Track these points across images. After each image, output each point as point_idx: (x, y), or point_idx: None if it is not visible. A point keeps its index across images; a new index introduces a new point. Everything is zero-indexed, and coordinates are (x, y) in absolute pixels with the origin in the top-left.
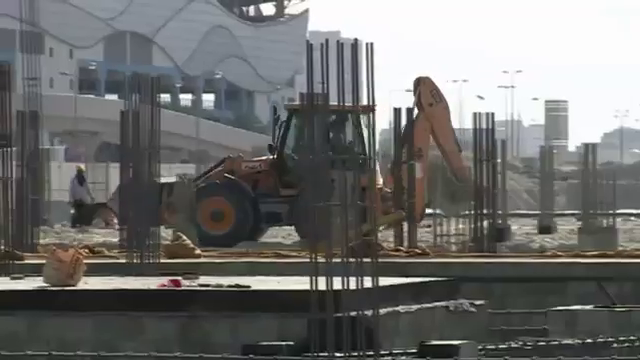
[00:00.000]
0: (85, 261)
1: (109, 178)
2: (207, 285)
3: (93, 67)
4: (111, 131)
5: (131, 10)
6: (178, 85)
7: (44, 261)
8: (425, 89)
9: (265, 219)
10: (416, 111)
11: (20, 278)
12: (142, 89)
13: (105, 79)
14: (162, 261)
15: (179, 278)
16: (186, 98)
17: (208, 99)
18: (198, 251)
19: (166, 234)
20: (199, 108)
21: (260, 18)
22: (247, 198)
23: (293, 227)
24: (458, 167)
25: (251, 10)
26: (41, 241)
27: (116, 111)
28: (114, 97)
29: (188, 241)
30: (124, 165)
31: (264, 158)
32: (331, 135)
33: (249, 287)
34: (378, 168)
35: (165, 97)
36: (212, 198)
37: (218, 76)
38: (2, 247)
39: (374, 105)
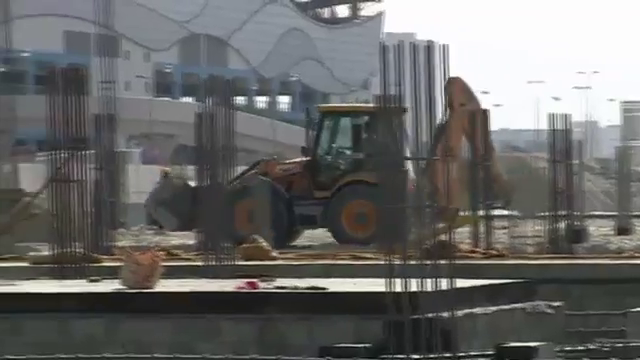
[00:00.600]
0: (162, 264)
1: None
2: (283, 287)
3: (169, 70)
4: (187, 134)
5: (206, 13)
6: (253, 87)
7: (121, 264)
8: (456, 89)
9: (299, 221)
10: (448, 112)
11: (97, 281)
12: (217, 92)
13: (180, 82)
14: (238, 263)
15: (256, 280)
16: (261, 100)
17: (283, 101)
18: (274, 253)
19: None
20: (274, 110)
21: (335, 20)
22: (281, 200)
23: (327, 229)
24: (490, 168)
25: (326, 12)
26: (118, 244)
27: (191, 114)
28: (190, 100)
29: (264, 243)
30: (200, 167)
31: (298, 160)
32: (364, 136)
33: (326, 289)
34: (411, 168)
35: (240, 99)
36: (246, 200)
37: (293, 78)
38: (80, 250)
39: (404, 106)
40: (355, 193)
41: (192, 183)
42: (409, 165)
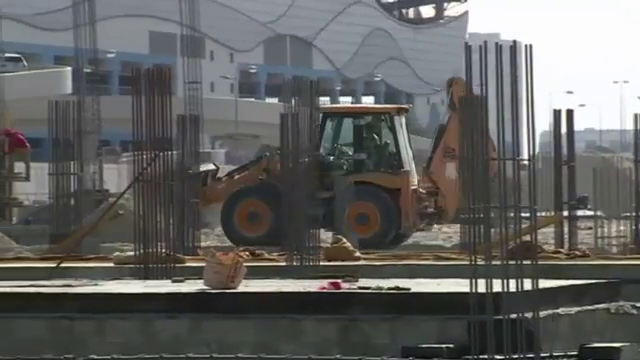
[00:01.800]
0: (245, 264)
1: None
2: (367, 288)
3: (253, 70)
4: (271, 134)
5: (291, 13)
6: (338, 88)
7: (205, 264)
8: (457, 89)
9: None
10: (449, 112)
11: (181, 281)
12: (302, 92)
13: (265, 82)
14: (322, 264)
15: (339, 281)
16: (346, 101)
17: (367, 101)
18: (358, 254)
19: (326, 236)
20: None
21: (419, 20)
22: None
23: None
24: (492, 165)
25: (410, 12)
26: (202, 244)
27: (276, 114)
28: (274, 100)
29: (348, 244)
30: (284, 168)
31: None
32: (364, 137)
33: (409, 289)
34: (414, 168)
35: (325, 100)
36: (249, 200)
37: (377, 79)
38: (164, 250)
39: (407, 107)
40: (357, 194)
41: (203, 169)
42: (412, 165)
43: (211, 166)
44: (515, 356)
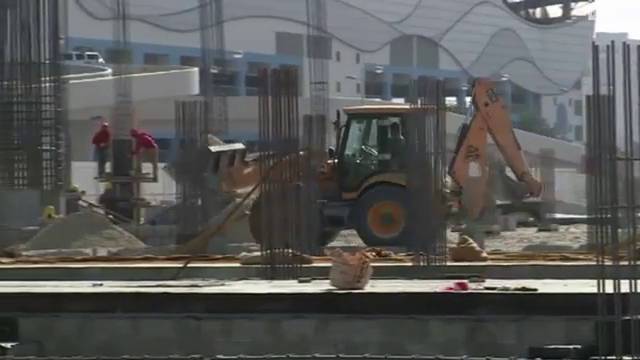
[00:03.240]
0: (372, 264)
1: None
2: (493, 288)
3: (379, 71)
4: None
5: (417, 13)
6: (464, 88)
7: (331, 264)
8: (480, 89)
9: (328, 222)
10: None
11: (307, 281)
12: (428, 92)
13: (391, 83)
14: (449, 264)
15: (466, 281)
16: None
17: None
18: (484, 254)
19: (452, 237)
20: None
21: (546, 20)
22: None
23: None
24: (517, 166)
25: (537, 12)
26: (328, 244)
27: None
28: (400, 101)
29: (474, 244)
30: (411, 168)
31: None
32: (390, 137)
33: (536, 290)
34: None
35: (451, 100)
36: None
37: (504, 79)
38: (290, 250)
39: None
40: (381, 194)
41: (215, 148)
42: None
43: (239, 145)
44: None
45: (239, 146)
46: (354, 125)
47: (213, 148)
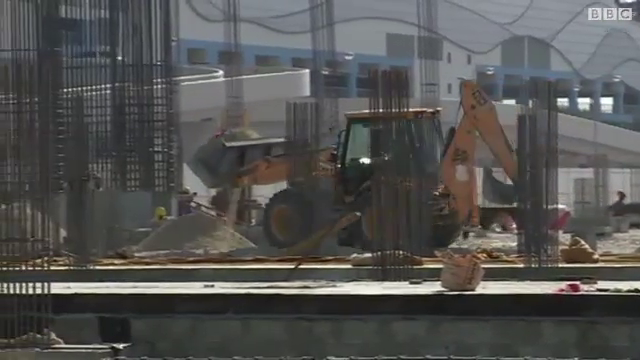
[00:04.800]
0: (483, 266)
1: (507, 182)
2: (605, 290)
3: (491, 72)
4: (508, 136)
5: (529, 14)
6: (576, 89)
7: (442, 266)
8: (467, 91)
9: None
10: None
11: (418, 283)
12: (539, 93)
13: (502, 84)
14: (560, 266)
15: (577, 283)
16: (584, 102)
17: (606, 103)
18: (596, 256)
19: (564, 239)
20: (597, 112)
21: None
22: (309, 206)
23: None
24: (509, 167)
25: None
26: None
27: (513, 116)
28: (512, 102)
29: (586, 246)
30: (521, 170)
31: (329, 167)
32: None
33: None
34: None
35: (563, 101)
36: (280, 206)
37: (616, 80)
38: (401, 252)
39: (426, 110)
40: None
41: (231, 144)
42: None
43: (275, 140)
44: None
45: (275, 140)
46: (353, 129)
47: (228, 143)
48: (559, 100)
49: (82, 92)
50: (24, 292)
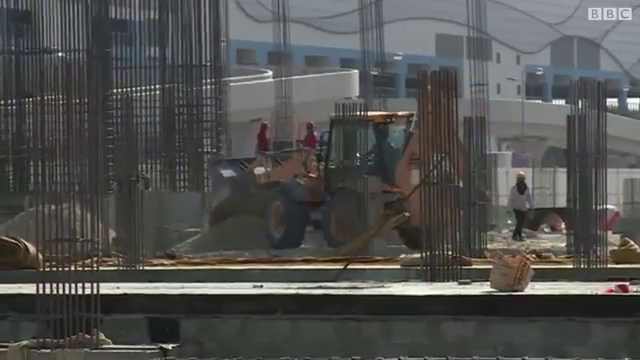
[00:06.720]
0: (532, 266)
1: (556, 183)
2: None
3: (540, 72)
4: (558, 136)
5: (578, 14)
6: (625, 89)
7: (491, 266)
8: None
9: (314, 225)
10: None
11: (467, 283)
12: (589, 94)
13: (552, 84)
14: (610, 266)
15: (627, 283)
16: (633, 102)
17: None
18: None
19: (613, 239)
20: None
21: None
22: (297, 204)
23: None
24: (462, 172)
25: None
26: (488, 246)
27: (563, 116)
28: (561, 102)
29: (636, 246)
30: (571, 170)
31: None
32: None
33: None
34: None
35: (612, 101)
36: (275, 202)
37: None
38: (450, 252)
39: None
40: (342, 199)
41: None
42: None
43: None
44: None
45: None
46: (335, 131)
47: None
48: (608, 100)
49: (131, 93)
50: (73, 292)
